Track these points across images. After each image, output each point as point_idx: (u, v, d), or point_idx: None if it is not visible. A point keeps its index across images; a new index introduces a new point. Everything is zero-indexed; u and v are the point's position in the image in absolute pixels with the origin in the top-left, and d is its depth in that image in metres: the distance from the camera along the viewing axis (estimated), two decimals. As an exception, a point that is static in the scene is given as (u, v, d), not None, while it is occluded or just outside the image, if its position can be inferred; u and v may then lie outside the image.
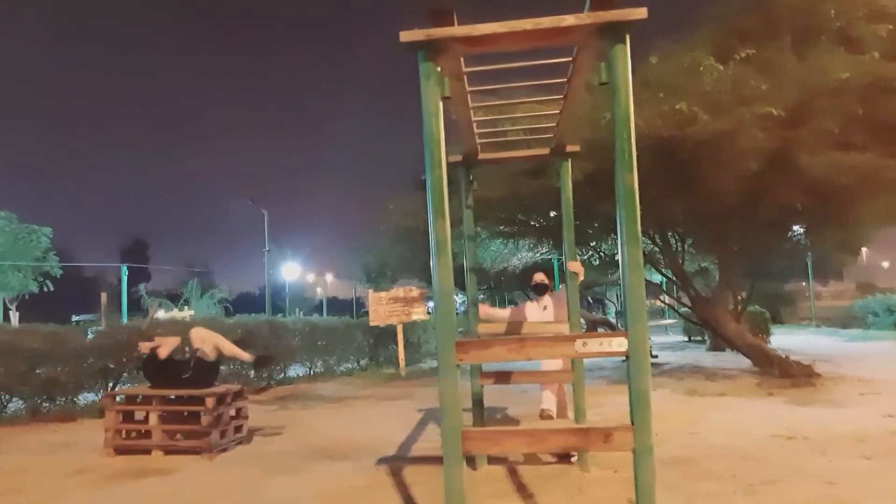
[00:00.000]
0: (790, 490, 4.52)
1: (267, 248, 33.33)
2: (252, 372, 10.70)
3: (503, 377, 5.77)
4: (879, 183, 8.91)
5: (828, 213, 10.40)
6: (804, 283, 29.26)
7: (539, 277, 6.52)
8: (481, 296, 22.47)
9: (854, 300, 27.42)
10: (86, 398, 9.15)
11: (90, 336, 9.82)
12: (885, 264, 60.06)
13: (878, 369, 11.18)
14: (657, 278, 16.07)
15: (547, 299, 6.38)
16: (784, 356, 10.80)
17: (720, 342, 14.69)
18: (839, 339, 19.12)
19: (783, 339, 17.33)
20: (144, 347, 6.79)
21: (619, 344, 3.03)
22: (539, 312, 6.28)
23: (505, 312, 6.75)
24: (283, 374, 12.38)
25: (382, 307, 13.75)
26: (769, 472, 4.96)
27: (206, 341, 6.65)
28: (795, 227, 12.54)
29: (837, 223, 11.06)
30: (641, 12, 2.98)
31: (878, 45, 8.87)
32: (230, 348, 6.77)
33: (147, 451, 6.34)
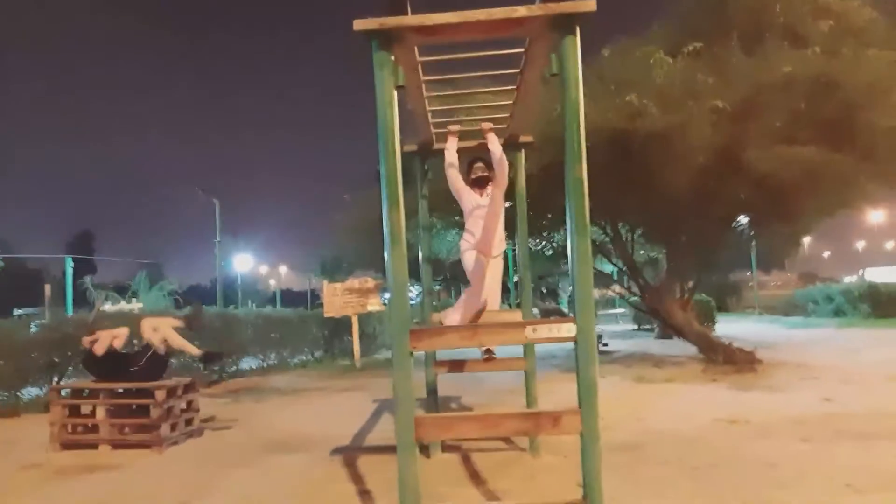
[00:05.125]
0: (733, 473, 4.67)
1: (218, 239, 32.67)
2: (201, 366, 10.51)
3: (457, 366, 5.80)
4: (822, 176, 9.17)
5: (773, 206, 10.72)
6: (749, 273, 30.18)
7: (480, 170, 5.36)
8: (437, 286, 22.52)
9: (796, 289, 28.45)
10: (30, 393, 8.89)
11: (34, 329, 9.52)
12: (826, 254, 62.57)
13: (817, 355, 11.63)
14: (608, 268, 16.33)
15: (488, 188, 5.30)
16: (728, 343, 11.12)
17: (668, 330, 15.00)
18: (781, 327, 19.82)
19: (728, 327, 17.86)
20: (87, 342, 6.61)
21: (568, 330, 3.10)
22: (484, 201, 5.25)
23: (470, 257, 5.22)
24: (235, 368, 12.19)
25: (337, 298, 13.65)
26: (713, 456, 5.12)
27: (157, 332, 6.52)
28: (741, 219, 12.88)
29: (782, 216, 11.40)
30: (590, 5, 3.03)
31: (821, 40, 9.15)
32: (178, 341, 6.64)
33: (94, 446, 6.20)
